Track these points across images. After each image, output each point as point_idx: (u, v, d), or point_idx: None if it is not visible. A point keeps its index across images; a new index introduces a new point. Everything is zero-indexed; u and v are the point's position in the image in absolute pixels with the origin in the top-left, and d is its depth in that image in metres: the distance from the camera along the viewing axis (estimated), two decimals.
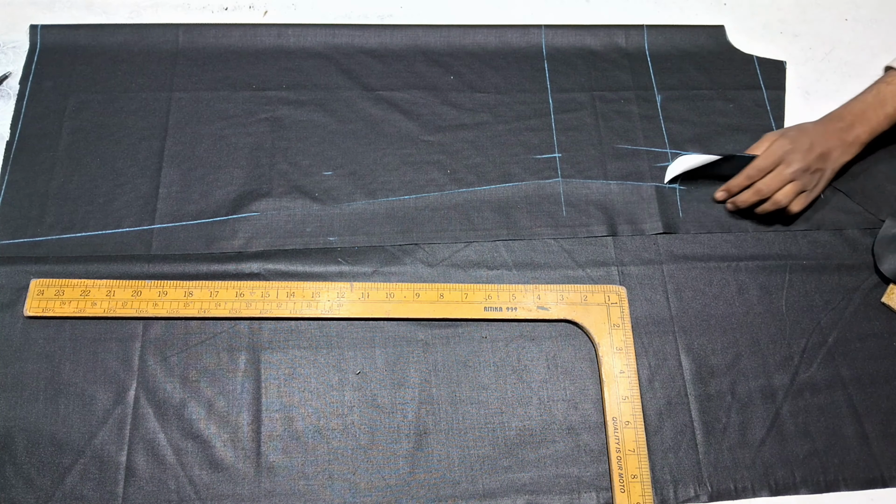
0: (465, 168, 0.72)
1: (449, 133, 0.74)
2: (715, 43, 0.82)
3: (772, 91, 0.79)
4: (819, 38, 0.84)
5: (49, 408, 0.59)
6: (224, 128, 0.72)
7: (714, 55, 0.81)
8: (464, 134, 0.74)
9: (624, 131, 0.75)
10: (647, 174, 0.73)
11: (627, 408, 0.61)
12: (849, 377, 0.64)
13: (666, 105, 0.77)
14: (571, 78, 0.78)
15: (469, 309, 0.64)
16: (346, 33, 0.78)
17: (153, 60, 0.75)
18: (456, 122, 0.74)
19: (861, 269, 0.69)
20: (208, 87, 0.74)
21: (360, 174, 0.71)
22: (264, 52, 0.77)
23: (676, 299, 0.67)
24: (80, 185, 0.68)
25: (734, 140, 0.75)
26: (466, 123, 0.74)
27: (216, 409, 0.60)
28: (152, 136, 0.71)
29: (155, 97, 0.73)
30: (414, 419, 0.61)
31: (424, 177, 0.71)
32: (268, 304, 0.63)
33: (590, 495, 0.59)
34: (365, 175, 0.71)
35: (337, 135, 0.73)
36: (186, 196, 0.68)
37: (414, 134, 0.73)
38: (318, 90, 0.75)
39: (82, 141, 0.70)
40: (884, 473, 0.61)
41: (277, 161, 0.71)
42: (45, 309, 0.61)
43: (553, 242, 0.69)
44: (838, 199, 0.73)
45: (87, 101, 0.72)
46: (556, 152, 0.74)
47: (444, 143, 0.73)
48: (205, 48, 0.76)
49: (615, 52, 0.80)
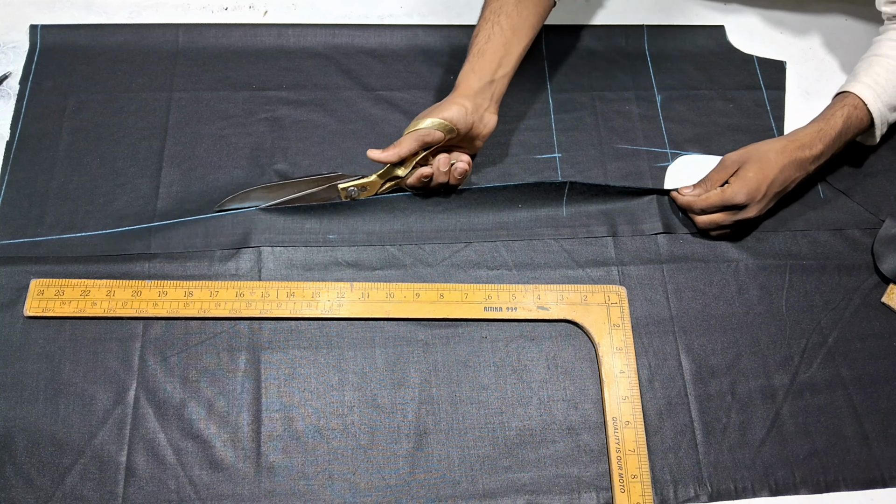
0: None
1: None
2: (715, 43, 0.82)
3: (772, 91, 0.79)
4: (819, 38, 0.84)
5: (49, 408, 0.59)
6: (224, 128, 0.72)
7: (714, 55, 0.81)
8: None
9: (624, 131, 0.75)
10: (647, 174, 0.73)
11: (627, 408, 0.61)
12: (849, 377, 0.64)
13: (666, 105, 0.77)
14: (571, 78, 0.78)
15: (469, 309, 0.64)
16: (346, 33, 0.78)
17: (153, 60, 0.75)
18: None
19: (861, 269, 0.69)
20: (208, 87, 0.74)
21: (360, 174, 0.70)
22: (264, 52, 0.77)
23: (676, 299, 0.67)
24: (80, 184, 0.68)
25: (734, 140, 0.75)
26: None
27: (216, 409, 0.60)
28: (152, 136, 0.71)
29: (155, 97, 0.73)
30: (414, 419, 0.61)
31: None
32: (268, 304, 0.63)
33: (590, 495, 0.59)
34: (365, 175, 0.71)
35: (337, 135, 0.73)
36: (186, 196, 0.68)
37: None
38: (318, 90, 0.75)
39: (82, 141, 0.70)
40: (884, 473, 0.61)
41: (277, 161, 0.71)
42: (45, 309, 0.61)
43: (553, 242, 0.69)
44: (838, 199, 0.73)
45: (87, 101, 0.72)
46: (556, 152, 0.74)
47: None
48: (205, 48, 0.76)
49: (615, 53, 0.80)
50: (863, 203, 0.73)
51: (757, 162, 0.65)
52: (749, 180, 0.64)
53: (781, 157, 0.65)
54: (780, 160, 0.65)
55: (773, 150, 0.65)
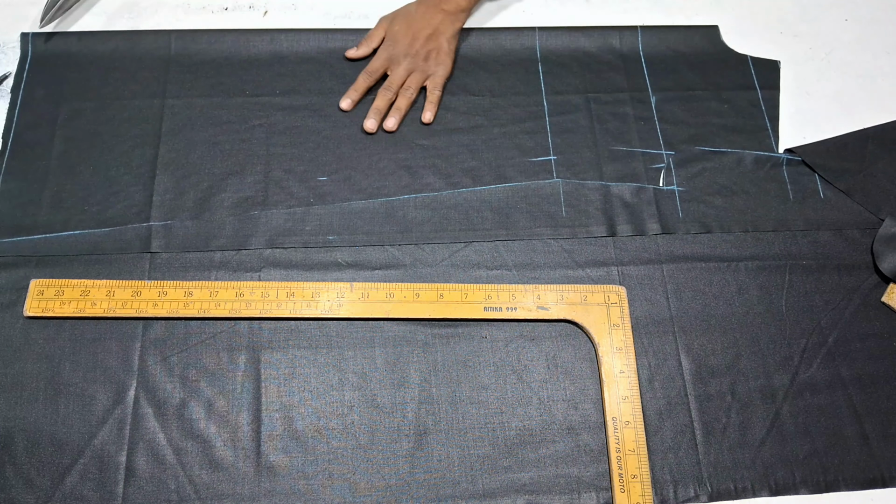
0: (461, 171, 0.72)
1: (444, 136, 0.74)
2: (709, 43, 0.82)
3: (766, 91, 0.79)
4: (819, 38, 0.84)
5: (49, 408, 0.59)
6: (218, 134, 0.72)
7: (708, 56, 0.81)
8: (459, 137, 0.74)
9: (619, 133, 0.75)
10: (643, 176, 0.73)
11: (627, 408, 0.61)
12: (849, 377, 0.64)
13: (661, 106, 0.77)
14: (566, 80, 0.78)
15: (469, 309, 0.64)
16: (339, 38, 0.78)
17: (146, 67, 0.75)
18: (451, 126, 0.74)
19: (861, 269, 0.69)
20: (201, 94, 0.74)
21: (355, 179, 0.71)
22: (257, 57, 0.77)
23: (676, 299, 0.67)
24: (73, 193, 0.68)
25: (729, 140, 0.75)
26: (461, 127, 0.74)
27: (216, 409, 0.60)
28: (146, 144, 0.71)
29: (148, 104, 0.73)
30: (414, 419, 0.61)
31: (420, 181, 0.71)
32: (268, 304, 0.63)
33: (590, 495, 0.59)
34: (360, 180, 0.71)
35: (331, 140, 0.73)
36: (181, 203, 0.68)
37: (409, 138, 0.73)
38: (311, 95, 0.75)
39: (75, 149, 0.70)
40: (884, 473, 0.61)
41: (272, 167, 0.71)
42: (44, 309, 0.61)
43: (553, 242, 0.69)
44: (838, 199, 0.73)
45: (80, 108, 0.72)
46: (552, 155, 0.74)
47: (439, 147, 0.73)
48: (197, 54, 0.76)
49: (610, 54, 0.80)
50: (863, 203, 0.73)
51: (403, 16, 0.76)
52: (397, 32, 0.75)
53: (421, 7, 0.76)
54: (421, 10, 0.76)
55: (414, 5, 0.77)
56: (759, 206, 0.72)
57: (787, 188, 0.73)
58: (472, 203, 0.70)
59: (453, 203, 0.70)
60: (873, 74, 0.82)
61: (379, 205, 0.69)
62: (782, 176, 0.74)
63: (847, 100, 0.80)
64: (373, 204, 0.69)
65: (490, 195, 0.70)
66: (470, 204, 0.70)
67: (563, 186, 0.71)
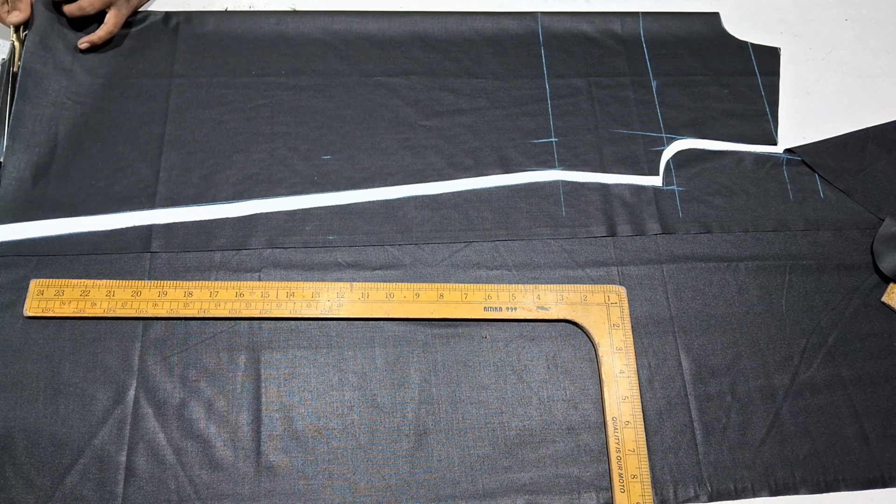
0: (463, 152, 0.72)
1: (446, 118, 0.74)
2: (710, 29, 0.82)
3: (766, 76, 0.80)
4: (819, 38, 0.84)
5: (49, 408, 0.59)
6: (224, 113, 0.73)
7: (709, 41, 0.82)
8: (461, 119, 0.74)
9: (620, 116, 0.76)
10: (643, 158, 0.73)
11: (627, 408, 0.61)
12: (849, 377, 0.64)
13: (661, 90, 0.78)
14: (568, 64, 0.79)
15: (469, 309, 0.64)
16: (344, 20, 0.79)
17: (153, 46, 0.76)
18: (453, 108, 0.75)
19: (861, 269, 0.69)
20: (208, 74, 0.75)
21: (359, 159, 0.71)
22: (263, 38, 0.77)
23: (676, 299, 0.67)
24: (80, 168, 0.69)
25: (729, 125, 0.76)
26: (464, 108, 0.75)
27: (216, 409, 0.60)
28: (153, 122, 0.72)
29: (155, 83, 0.74)
30: (414, 419, 0.61)
31: (422, 161, 0.71)
32: (268, 304, 0.63)
33: (590, 495, 0.59)
34: (363, 159, 0.71)
35: (335, 120, 0.73)
36: (187, 179, 0.69)
37: (412, 119, 0.74)
38: (316, 76, 0.76)
39: (83, 126, 0.71)
40: (884, 473, 0.61)
41: (276, 146, 0.71)
42: (44, 309, 0.61)
43: (553, 242, 0.69)
44: (838, 199, 0.73)
45: (90, 84, 0.73)
46: (553, 137, 0.74)
47: (442, 128, 0.74)
48: (204, 35, 0.77)
49: (611, 39, 0.81)
50: (863, 203, 0.73)
51: None
52: None
53: None
54: None
55: None
56: (759, 206, 0.72)
57: (787, 188, 0.73)
58: (472, 203, 0.70)
59: (453, 203, 0.70)
60: (873, 74, 0.82)
61: (379, 205, 0.69)
62: (782, 176, 0.74)
63: (847, 100, 0.80)
64: (373, 204, 0.69)
65: (490, 195, 0.70)
66: (470, 204, 0.70)
67: (563, 186, 0.71)
